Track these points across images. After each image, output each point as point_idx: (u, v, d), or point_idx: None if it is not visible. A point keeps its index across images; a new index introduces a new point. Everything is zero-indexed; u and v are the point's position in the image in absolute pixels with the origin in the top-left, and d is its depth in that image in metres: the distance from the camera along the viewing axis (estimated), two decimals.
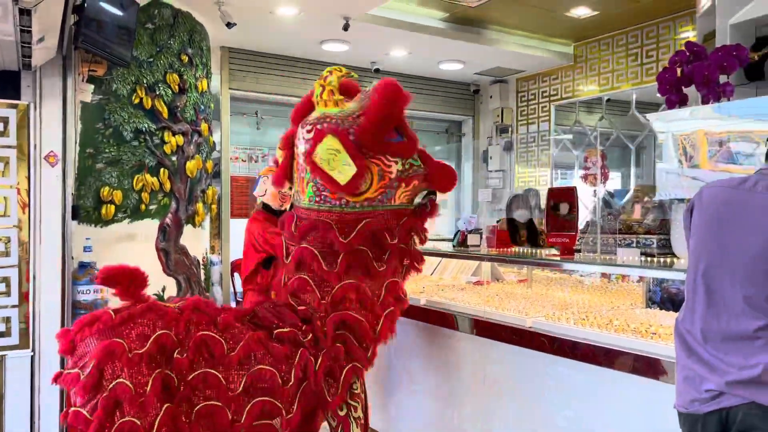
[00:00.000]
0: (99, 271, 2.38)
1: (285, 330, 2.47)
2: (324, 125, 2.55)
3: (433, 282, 4.09)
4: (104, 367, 2.16)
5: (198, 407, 2.27)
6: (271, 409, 2.36)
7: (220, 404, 2.29)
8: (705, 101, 2.78)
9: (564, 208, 3.36)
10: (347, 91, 2.70)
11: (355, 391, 2.76)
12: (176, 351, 2.27)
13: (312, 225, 2.59)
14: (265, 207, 3.88)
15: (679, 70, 2.87)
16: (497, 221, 4.27)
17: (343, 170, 2.45)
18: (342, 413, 2.70)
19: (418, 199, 2.71)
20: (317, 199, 2.59)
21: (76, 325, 2.30)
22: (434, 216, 2.79)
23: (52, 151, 3.86)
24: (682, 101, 2.90)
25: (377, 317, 2.65)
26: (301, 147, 2.64)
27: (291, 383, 2.38)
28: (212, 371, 2.30)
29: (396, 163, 2.59)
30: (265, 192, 3.83)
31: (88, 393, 2.15)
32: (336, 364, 2.54)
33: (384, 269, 2.66)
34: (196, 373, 2.27)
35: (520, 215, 3.99)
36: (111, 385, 2.13)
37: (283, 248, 2.76)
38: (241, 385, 2.32)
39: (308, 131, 2.60)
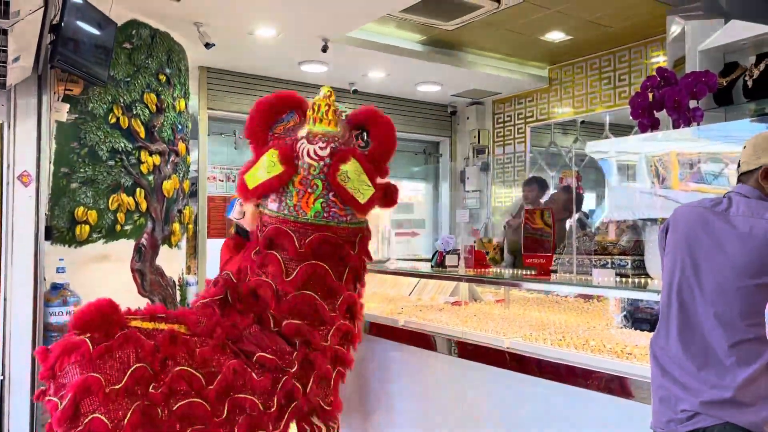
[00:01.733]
0: (73, 317, 2.41)
1: (267, 356, 2.47)
2: (342, 145, 2.68)
3: (412, 303, 4.09)
4: (81, 401, 2.18)
5: None
6: (258, 422, 2.40)
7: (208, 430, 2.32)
8: (676, 125, 2.84)
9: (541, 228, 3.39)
10: None
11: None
12: (151, 385, 2.27)
13: (323, 238, 2.66)
14: (238, 232, 3.80)
15: (650, 95, 2.94)
16: (474, 242, 4.31)
17: (364, 191, 2.65)
18: None
19: None
20: (325, 214, 2.67)
21: (54, 351, 2.30)
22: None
23: (25, 171, 3.81)
24: (653, 125, 2.97)
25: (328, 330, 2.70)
26: (312, 162, 2.67)
27: (273, 408, 2.41)
28: (197, 400, 2.31)
29: None
30: (243, 215, 3.74)
31: (63, 425, 2.17)
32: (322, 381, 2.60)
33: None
34: (180, 403, 2.28)
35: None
36: (86, 420, 2.16)
37: (282, 265, 2.68)
38: (225, 412, 2.34)
39: (321, 147, 2.66)
